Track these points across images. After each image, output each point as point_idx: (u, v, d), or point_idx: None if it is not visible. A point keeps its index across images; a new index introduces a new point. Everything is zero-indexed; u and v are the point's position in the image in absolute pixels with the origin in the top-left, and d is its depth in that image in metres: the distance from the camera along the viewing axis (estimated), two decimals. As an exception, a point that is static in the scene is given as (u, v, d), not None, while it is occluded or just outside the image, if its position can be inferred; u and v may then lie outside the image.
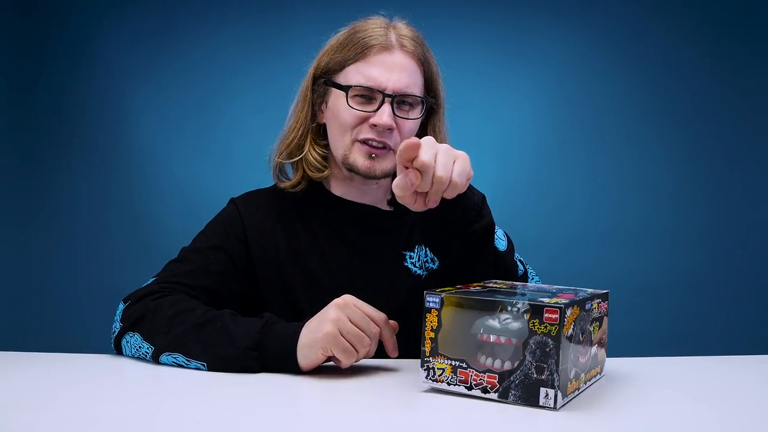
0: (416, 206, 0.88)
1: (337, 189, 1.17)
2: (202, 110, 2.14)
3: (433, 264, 1.16)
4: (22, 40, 2.13)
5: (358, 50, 1.08)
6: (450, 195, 0.86)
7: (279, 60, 2.10)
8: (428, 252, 1.17)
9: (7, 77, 2.11)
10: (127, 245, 2.09)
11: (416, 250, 1.16)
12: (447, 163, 0.84)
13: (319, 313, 0.89)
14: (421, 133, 1.17)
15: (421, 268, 1.15)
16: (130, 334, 0.97)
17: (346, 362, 0.86)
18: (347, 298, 0.88)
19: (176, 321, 0.94)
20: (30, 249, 2.10)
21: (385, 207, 1.19)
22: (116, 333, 0.99)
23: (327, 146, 1.16)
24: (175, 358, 0.92)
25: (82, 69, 2.12)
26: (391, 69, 1.06)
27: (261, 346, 0.89)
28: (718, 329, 2.15)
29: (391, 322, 0.91)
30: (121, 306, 1.01)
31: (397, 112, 1.07)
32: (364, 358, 0.88)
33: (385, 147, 1.08)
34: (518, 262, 1.11)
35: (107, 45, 2.13)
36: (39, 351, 1.00)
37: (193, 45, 2.14)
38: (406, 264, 1.15)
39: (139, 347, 0.95)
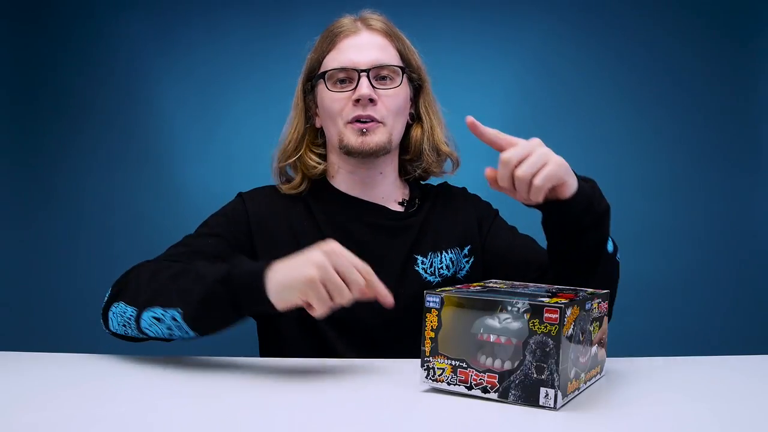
0: (517, 198, 0.90)
1: (342, 184, 1.18)
2: (203, 111, 2.13)
3: (448, 271, 1.15)
4: (23, 41, 2.13)
5: (328, 42, 1.13)
6: (535, 197, 0.86)
7: (280, 61, 2.10)
8: (444, 259, 1.16)
9: (8, 78, 2.11)
10: (129, 246, 2.08)
11: (429, 256, 1.15)
12: (534, 164, 0.85)
13: (303, 252, 0.82)
14: (415, 111, 1.21)
15: (433, 275, 1.14)
16: (116, 304, 0.95)
17: (319, 312, 0.80)
18: (335, 245, 0.81)
19: (155, 279, 0.92)
20: (30, 249, 2.10)
21: (393, 206, 1.19)
22: (103, 305, 0.98)
23: (323, 145, 1.19)
24: (153, 313, 0.88)
25: (84, 69, 2.12)
26: (361, 48, 1.11)
27: (229, 279, 0.83)
28: (718, 329, 2.15)
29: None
30: (112, 285, 1.01)
31: (376, 85, 1.10)
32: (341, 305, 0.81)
33: (374, 120, 1.10)
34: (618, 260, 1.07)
35: (108, 46, 2.13)
36: (39, 351, 1.00)
37: (193, 46, 2.14)
38: (416, 268, 1.14)
39: (123, 313, 0.93)
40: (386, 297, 0.84)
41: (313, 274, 0.78)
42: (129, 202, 2.11)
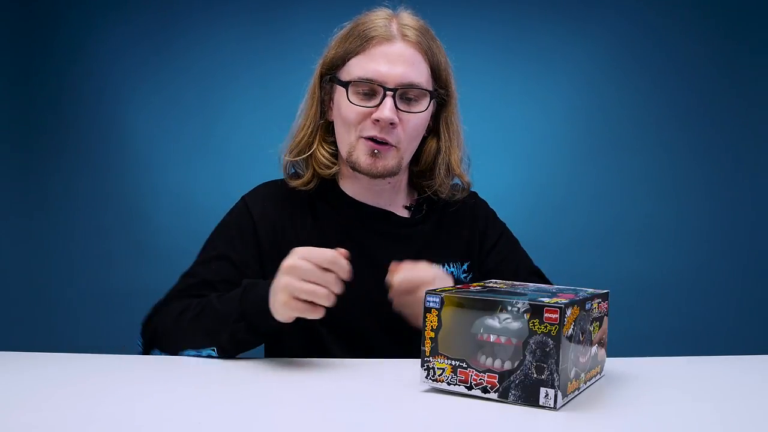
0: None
1: (349, 188, 1.15)
2: (200, 110, 2.14)
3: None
4: (20, 39, 2.13)
5: (358, 43, 1.05)
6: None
7: (278, 60, 2.10)
8: (446, 270, 1.13)
9: (3, 77, 2.11)
10: (125, 245, 2.09)
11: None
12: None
13: (275, 278, 0.90)
14: (434, 126, 1.14)
15: None
16: (153, 351, 1.04)
17: (313, 316, 0.87)
18: (294, 259, 0.87)
19: (179, 322, 1.00)
20: (28, 249, 2.10)
21: (400, 211, 1.17)
22: (141, 351, 1.06)
23: (335, 142, 1.13)
24: (188, 354, 0.98)
25: (80, 68, 2.12)
26: (393, 61, 1.03)
27: (244, 315, 0.93)
28: (719, 329, 2.15)
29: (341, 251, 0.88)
30: (141, 327, 1.07)
31: (400, 106, 1.04)
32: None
33: (388, 143, 1.05)
34: None
35: (105, 44, 2.13)
36: (38, 351, 1.00)
37: (191, 44, 2.14)
38: None
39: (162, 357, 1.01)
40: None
41: (283, 298, 0.87)
42: (124, 202, 2.11)
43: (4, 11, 2.10)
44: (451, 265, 1.15)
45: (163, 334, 1.01)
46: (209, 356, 0.97)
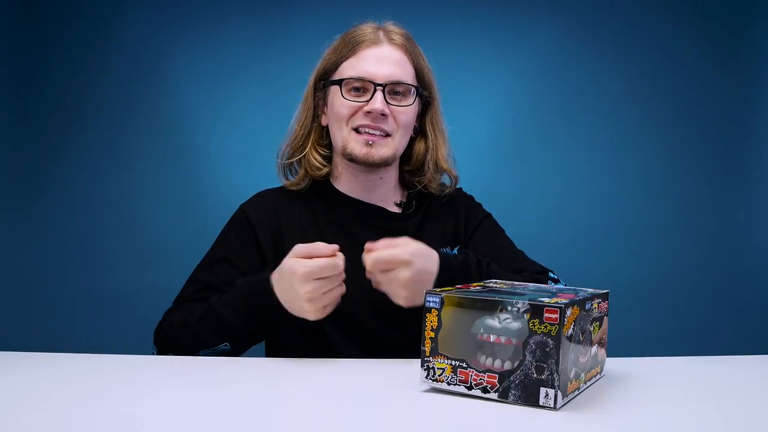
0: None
1: (343, 186, 1.21)
2: (199, 108, 2.13)
3: None
4: (20, 39, 2.13)
5: (349, 48, 1.15)
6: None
7: (278, 60, 2.10)
8: None
9: (2, 75, 2.11)
10: (125, 245, 2.09)
11: None
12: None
13: (286, 289, 0.95)
14: (421, 127, 1.23)
15: None
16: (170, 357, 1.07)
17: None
18: (295, 267, 0.92)
19: (186, 326, 1.04)
20: (27, 249, 2.10)
21: (392, 208, 1.23)
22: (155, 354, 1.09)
23: (328, 146, 1.21)
24: (203, 353, 1.01)
25: (78, 67, 2.12)
26: (381, 61, 1.13)
27: (252, 311, 0.99)
28: (719, 329, 2.15)
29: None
30: (153, 336, 1.11)
31: (389, 100, 1.13)
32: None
33: (381, 133, 1.13)
34: None
35: (104, 44, 2.13)
36: (38, 351, 1.00)
37: (190, 44, 2.14)
38: None
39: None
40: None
41: (310, 308, 0.93)
42: (124, 201, 2.11)
43: (5, 5, 2.10)
44: (443, 251, 1.19)
45: (175, 339, 1.05)
46: (224, 352, 1.01)
